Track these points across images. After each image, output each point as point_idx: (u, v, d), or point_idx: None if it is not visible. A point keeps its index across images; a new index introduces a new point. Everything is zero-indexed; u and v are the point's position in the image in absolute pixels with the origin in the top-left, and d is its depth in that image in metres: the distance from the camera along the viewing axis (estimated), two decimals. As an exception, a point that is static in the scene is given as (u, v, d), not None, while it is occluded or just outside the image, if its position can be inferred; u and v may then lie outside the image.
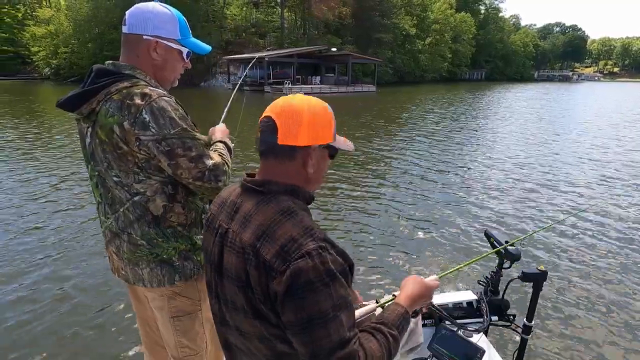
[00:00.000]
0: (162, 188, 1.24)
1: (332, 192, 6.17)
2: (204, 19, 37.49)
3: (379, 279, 3.59)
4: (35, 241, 4.22)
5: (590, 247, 4.44)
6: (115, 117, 1.15)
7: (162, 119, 1.15)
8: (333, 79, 35.00)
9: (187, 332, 1.41)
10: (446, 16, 56.68)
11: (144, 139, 1.14)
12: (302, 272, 0.73)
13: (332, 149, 0.91)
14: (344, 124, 13.45)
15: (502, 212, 5.37)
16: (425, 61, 52.45)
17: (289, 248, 0.75)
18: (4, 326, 2.83)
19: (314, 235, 0.77)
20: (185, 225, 1.31)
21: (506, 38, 77.67)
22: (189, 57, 1.36)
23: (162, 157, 1.17)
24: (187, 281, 1.35)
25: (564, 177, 7.34)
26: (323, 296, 0.74)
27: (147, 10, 1.24)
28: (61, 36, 37.20)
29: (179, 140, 1.17)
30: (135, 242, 1.28)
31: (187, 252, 1.33)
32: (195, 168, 1.20)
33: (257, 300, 0.80)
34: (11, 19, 45.38)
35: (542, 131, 13.15)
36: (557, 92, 38.42)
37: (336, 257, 0.78)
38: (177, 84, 1.40)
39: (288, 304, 0.75)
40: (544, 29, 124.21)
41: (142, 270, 1.31)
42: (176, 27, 1.29)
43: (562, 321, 3.08)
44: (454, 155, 9.22)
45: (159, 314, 1.41)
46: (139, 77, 1.22)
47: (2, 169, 7.12)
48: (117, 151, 1.18)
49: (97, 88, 1.17)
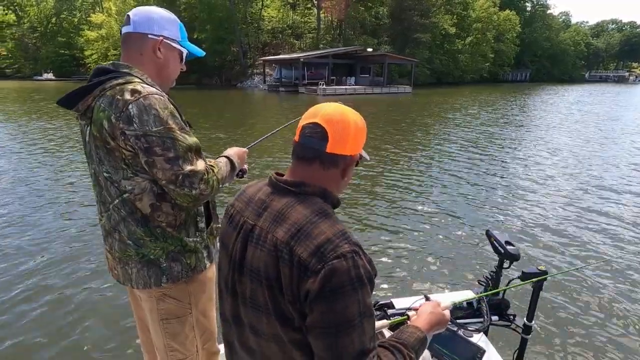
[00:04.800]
0: (151, 187, 1.22)
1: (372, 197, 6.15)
2: (242, 21, 38.53)
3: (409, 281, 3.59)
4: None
5: (590, 246, 4.35)
6: (105, 112, 1.16)
7: (146, 115, 1.14)
8: (368, 79, 34.75)
9: (176, 335, 1.38)
10: (489, 14, 54.50)
11: (128, 134, 1.14)
12: (337, 273, 0.74)
13: (361, 158, 0.96)
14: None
15: (541, 239, 4.60)
16: (464, 61, 50.77)
17: (326, 248, 0.76)
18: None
19: (348, 239, 0.79)
20: (174, 226, 1.28)
21: (554, 36, 73.35)
22: (184, 61, 1.39)
23: (141, 153, 1.16)
24: (175, 283, 1.32)
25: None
26: (352, 301, 0.75)
27: (152, 11, 1.29)
28: (111, 39, 39.73)
29: (159, 139, 1.14)
30: (124, 241, 1.27)
31: (176, 253, 1.30)
32: (170, 170, 1.15)
33: (285, 300, 0.80)
34: (68, 24, 49.18)
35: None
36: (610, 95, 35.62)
37: (366, 264, 0.79)
38: (174, 84, 1.41)
39: (318, 304, 0.75)
40: (598, 26, 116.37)
41: (130, 270, 1.30)
42: (177, 29, 1.32)
43: (562, 321, 3.06)
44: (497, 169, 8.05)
45: (149, 315, 1.39)
46: (135, 74, 1.23)
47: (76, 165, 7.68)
48: (106, 146, 1.18)
49: (92, 85, 1.20)
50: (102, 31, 41.12)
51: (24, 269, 3.61)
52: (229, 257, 0.92)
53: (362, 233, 4.58)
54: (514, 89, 40.42)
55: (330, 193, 0.89)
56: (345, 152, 0.88)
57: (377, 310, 1.82)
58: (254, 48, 40.82)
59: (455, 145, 10.21)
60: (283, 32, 42.99)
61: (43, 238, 4.28)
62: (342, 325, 0.75)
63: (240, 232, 0.89)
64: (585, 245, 4.45)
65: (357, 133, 0.90)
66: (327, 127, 0.86)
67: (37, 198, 5.58)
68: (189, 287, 1.36)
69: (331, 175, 0.89)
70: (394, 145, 10.06)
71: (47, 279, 3.46)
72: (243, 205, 0.93)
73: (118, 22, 39.30)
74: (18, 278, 3.45)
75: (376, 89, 32.03)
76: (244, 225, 0.89)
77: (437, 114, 17.77)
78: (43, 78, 46.24)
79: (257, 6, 42.50)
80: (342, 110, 0.89)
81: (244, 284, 0.88)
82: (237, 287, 0.90)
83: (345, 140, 0.87)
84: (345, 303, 0.75)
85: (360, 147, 0.93)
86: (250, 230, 0.87)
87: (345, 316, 0.75)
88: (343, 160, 0.89)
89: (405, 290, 3.39)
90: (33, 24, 50.20)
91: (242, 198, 0.96)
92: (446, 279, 3.62)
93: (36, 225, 4.60)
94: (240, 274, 0.88)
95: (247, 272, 0.86)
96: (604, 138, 11.78)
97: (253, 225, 0.87)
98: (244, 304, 0.89)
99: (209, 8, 35.57)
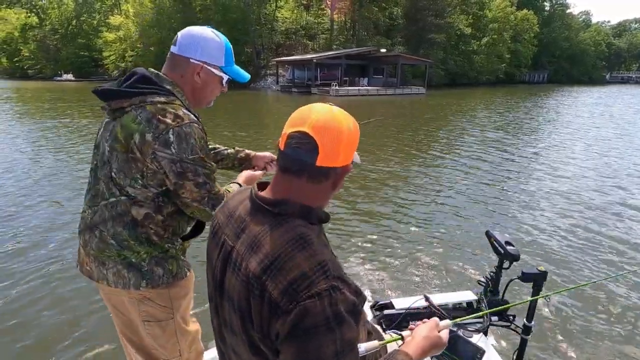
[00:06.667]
0: (154, 198, 1.26)
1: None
2: (256, 22, 38.84)
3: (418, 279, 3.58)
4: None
5: (591, 246, 4.31)
6: (141, 125, 1.18)
7: (185, 143, 1.20)
8: (381, 80, 34.57)
9: (157, 337, 1.39)
10: (506, 14, 53.57)
11: (160, 155, 1.18)
12: (309, 314, 0.69)
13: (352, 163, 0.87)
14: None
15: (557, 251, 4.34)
16: (480, 62, 49.99)
17: (299, 285, 0.70)
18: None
19: (326, 273, 0.72)
20: (160, 236, 1.31)
21: (574, 36, 71.59)
22: (227, 83, 1.42)
23: (172, 175, 1.21)
24: (155, 288, 1.32)
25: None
26: (327, 341, 0.69)
27: (199, 35, 1.29)
28: (128, 41, 40.59)
29: (192, 166, 1.22)
30: (106, 240, 1.27)
31: (159, 259, 1.31)
32: (198, 192, 1.25)
33: (255, 335, 0.76)
34: (88, 26, 50.45)
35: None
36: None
37: (347, 296, 0.72)
38: (212, 105, 1.45)
39: (289, 346, 0.70)
40: (620, 26, 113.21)
41: (107, 270, 1.29)
42: (222, 55, 1.34)
43: (562, 321, 3.05)
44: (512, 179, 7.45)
45: (127, 314, 1.39)
46: (177, 95, 1.27)
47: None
48: (128, 154, 1.20)
49: (134, 92, 1.22)
50: (120, 33, 42.03)
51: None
52: (212, 273, 0.89)
53: (363, 233, 4.56)
54: (529, 91, 39.64)
55: (316, 210, 0.82)
56: (336, 163, 0.79)
57: (377, 311, 1.83)
58: (267, 49, 41.09)
59: (456, 146, 10.12)
60: (296, 33, 43.17)
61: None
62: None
63: (220, 251, 0.85)
64: (586, 245, 4.41)
65: (350, 141, 0.80)
66: (318, 138, 0.76)
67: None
68: (170, 292, 1.36)
69: (321, 189, 0.81)
70: (395, 145, 10.03)
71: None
72: (225, 220, 0.89)
73: (135, 24, 40.16)
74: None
75: (389, 90, 31.82)
76: (224, 245, 0.85)
77: (445, 116, 17.57)
78: (63, 79, 47.45)
79: (271, 7, 42.78)
80: (333, 115, 0.79)
81: (224, 308, 0.85)
82: (219, 309, 0.88)
83: (337, 151, 0.78)
84: (319, 343, 0.69)
85: (352, 155, 0.84)
86: (229, 252, 0.83)
87: (319, 357, 0.69)
88: (334, 172, 0.80)
89: (405, 290, 3.38)
90: (54, 26, 51.61)
91: (225, 210, 0.91)
92: (446, 279, 3.60)
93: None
94: (221, 297, 0.85)
95: (225, 297, 0.83)
96: (620, 136, 11.52)
97: (232, 247, 0.82)
98: (224, 325, 0.87)
99: (224, 9, 35.98)
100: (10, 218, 4.79)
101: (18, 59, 53.46)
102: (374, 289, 3.38)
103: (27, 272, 3.53)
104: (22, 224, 4.61)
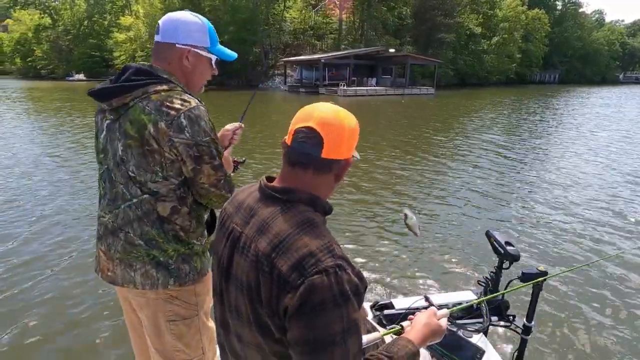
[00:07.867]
0: (175, 190, 1.26)
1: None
2: (264, 22, 38.96)
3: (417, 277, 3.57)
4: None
5: (594, 248, 4.28)
6: (152, 115, 1.18)
7: (197, 125, 1.21)
8: (390, 80, 34.47)
9: (182, 336, 1.39)
10: (517, 13, 52.93)
11: (176, 141, 1.19)
12: (317, 289, 0.71)
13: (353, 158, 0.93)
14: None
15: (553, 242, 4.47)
16: (490, 62, 49.49)
17: (307, 262, 0.74)
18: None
19: (332, 252, 0.76)
20: (187, 231, 1.31)
21: (586, 36, 70.39)
22: (216, 65, 1.40)
23: (189, 160, 1.22)
24: (182, 286, 1.33)
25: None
26: (334, 318, 0.72)
27: (179, 19, 1.29)
28: (139, 41, 41.01)
29: (208, 149, 1.24)
30: (133, 241, 1.27)
31: (187, 255, 1.32)
32: (215, 175, 1.27)
33: (264, 313, 0.78)
34: (99, 27, 51.18)
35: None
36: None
37: (352, 277, 0.76)
38: (203, 90, 1.43)
39: (297, 321, 0.73)
40: (634, 25, 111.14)
41: (134, 272, 1.29)
42: (206, 36, 1.33)
43: (562, 321, 3.04)
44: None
45: (152, 317, 1.37)
46: (176, 82, 1.27)
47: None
48: (145, 147, 1.20)
49: (134, 85, 1.21)
50: (131, 33, 42.52)
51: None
52: (218, 262, 0.92)
53: (363, 233, 4.56)
54: (539, 92, 39.10)
55: (321, 200, 0.87)
56: (340, 156, 0.86)
57: (377, 311, 1.82)
58: (275, 49, 41.18)
59: (458, 146, 10.05)
60: (305, 33, 43.17)
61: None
62: (322, 343, 0.72)
63: (228, 239, 0.89)
64: (587, 246, 4.38)
65: (351, 135, 0.87)
66: (323, 132, 0.82)
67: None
68: (195, 288, 1.37)
69: (325, 181, 0.87)
70: (396, 145, 10.00)
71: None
72: (233, 211, 0.92)
73: (145, 24, 40.57)
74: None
75: (397, 90, 31.69)
76: (232, 232, 0.88)
77: (450, 117, 17.45)
78: (75, 79, 48.22)
79: (279, 7, 42.88)
80: (336, 112, 0.86)
81: (230, 292, 0.87)
82: (224, 295, 0.90)
83: (340, 144, 0.84)
84: (327, 320, 0.72)
85: (353, 149, 0.90)
86: (237, 238, 0.86)
87: (326, 333, 0.72)
88: (337, 164, 0.87)
89: (405, 290, 3.38)
90: (67, 27, 52.43)
91: (234, 202, 0.95)
92: (446, 279, 3.58)
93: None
94: (227, 282, 0.88)
95: (232, 281, 0.86)
96: (625, 137, 11.34)
97: (240, 232, 0.86)
98: (229, 311, 0.89)
99: (233, 10, 36.15)
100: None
101: (31, 59, 54.45)
102: (374, 289, 3.37)
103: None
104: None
